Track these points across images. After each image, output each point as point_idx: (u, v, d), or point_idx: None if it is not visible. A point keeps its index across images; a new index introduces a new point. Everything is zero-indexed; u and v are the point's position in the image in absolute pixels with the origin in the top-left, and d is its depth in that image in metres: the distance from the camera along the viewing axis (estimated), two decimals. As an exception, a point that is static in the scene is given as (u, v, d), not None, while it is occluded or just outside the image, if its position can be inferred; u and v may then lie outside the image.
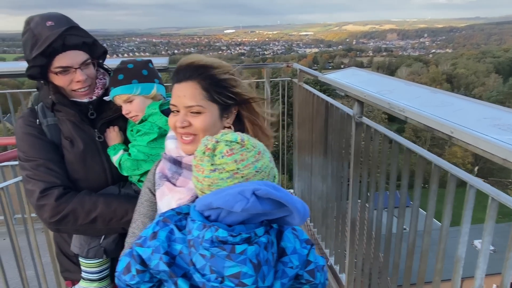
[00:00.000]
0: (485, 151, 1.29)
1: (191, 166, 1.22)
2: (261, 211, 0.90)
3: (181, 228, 1.00)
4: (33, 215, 2.23)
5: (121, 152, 1.62)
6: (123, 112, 1.61)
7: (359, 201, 2.68)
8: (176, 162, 1.28)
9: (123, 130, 1.70)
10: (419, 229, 1.98)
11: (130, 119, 1.63)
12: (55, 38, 1.43)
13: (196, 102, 1.20)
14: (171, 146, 1.30)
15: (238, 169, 0.98)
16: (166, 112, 1.56)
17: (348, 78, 2.61)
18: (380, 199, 2.38)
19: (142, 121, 1.59)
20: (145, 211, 1.36)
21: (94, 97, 1.62)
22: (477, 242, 12.61)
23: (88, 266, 1.70)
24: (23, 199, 2.42)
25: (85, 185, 1.61)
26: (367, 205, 2.51)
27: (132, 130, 1.65)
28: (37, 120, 1.60)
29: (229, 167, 0.98)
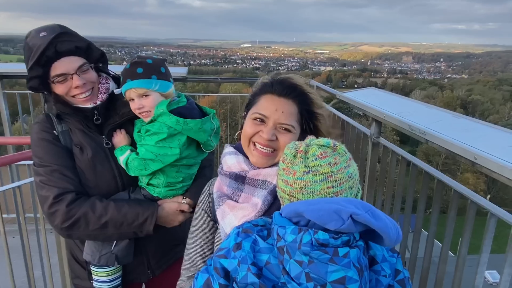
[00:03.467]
0: (511, 179, 1.25)
1: (256, 181, 1.22)
2: (354, 231, 0.87)
3: (263, 238, 0.96)
4: (45, 215, 2.24)
5: (128, 152, 1.60)
6: (135, 107, 1.56)
7: None
8: (239, 178, 1.25)
9: (130, 134, 1.67)
10: (433, 255, 1.93)
11: (140, 115, 1.59)
12: (46, 46, 1.42)
13: (291, 122, 1.22)
14: (232, 161, 1.27)
15: (332, 172, 0.95)
16: (174, 111, 1.54)
17: (367, 98, 2.60)
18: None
19: (151, 121, 1.56)
20: (202, 234, 1.33)
21: (99, 102, 1.61)
22: (487, 274, 12.25)
23: (100, 275, 1.68)
24: (36, 198, 2.44)
25: (96, 192, 1.61)
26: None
27: (139, 131, 1.62)
28: (54, 126, 1.60)
29: (323, 170, 0.95)
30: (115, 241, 1.65)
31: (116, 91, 1.61)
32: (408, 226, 2.14)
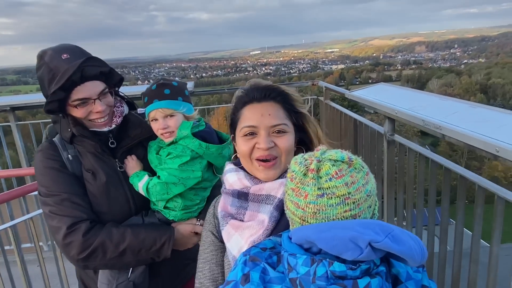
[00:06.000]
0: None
1: (259, 196, 1.14)
2: (374, 258, 0.78)
3: (273, 266, 0.87)
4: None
5: (146, 177, 1.58)
6: (158, 127, 1.57)
7: (395, 219, 2.52)
8: (241, 195, 1.18)
9: (141, 158, 1.65)
10: (464, 247, 1.82)
11: (162, 135, 1.59)
12: (74, 71, 1.39)
13: (281, 121, 1.15)
14: (233, 179, 1.20)
15: (349, 193, 0.84)
16: (196, 135, 1.56)
17: (377, 94, 2.51)
18: (419, 218, 2.22)
19: (172, 143, 1.57)
20: (210, 257, 1.26)
21: (114, 126, 1.59)
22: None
23: None
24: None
25: (109, 217, 1.56)
26: (404, 223, 2.35)
27: (157, 153, 1.62)
28: (59, 153, 1.57)
29: (339, 192, 0.83)
30: (131, 268, 1.60)
31: (140, 111, 1.63)
32: (433, 221, 2.02)
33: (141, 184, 1.57)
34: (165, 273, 1.70)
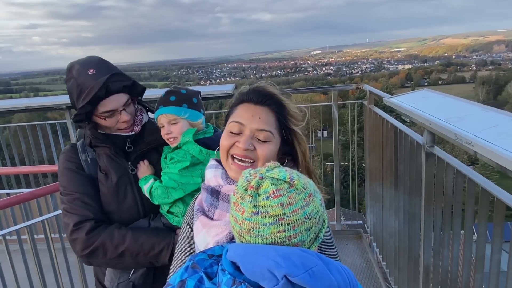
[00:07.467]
0: None
1: (229, 197, 1.15)
2: None
3: (211, 276, 0.88)
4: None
5: (151, 180, 1.62)
6: (163, 132, 1.63)
7: (462, 231, 2.27)
8: (214, 192, 1.20)
9: (154, 163, 1.70)
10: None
11: (168, 141, 1.65)
12: (99, 87, 1.48)
13: (269, 128, 1.16)
14: (210, 175, 1.23)
15: (284, 214, 0.82)
16: (200, 141, 1.59)
17: (416, 102, 2.29)
18: (455, 246, 1.98)
19: (176, 148, 1.61)
20: (184, 248, 1.29)
21: (133, 133, 1.68)
22: None
23: None
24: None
25: (117, 218, 1.63)
26: (474, 238, 2.11)
27: (165, 158, 1.66)
28: (78, 155, 1.68)
29: (274, 212, 0.82)
30: (133, 269, 1.66)
31: (150, 115, 1.70)
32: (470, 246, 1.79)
33: (146, 187, 1.62)
34: None
